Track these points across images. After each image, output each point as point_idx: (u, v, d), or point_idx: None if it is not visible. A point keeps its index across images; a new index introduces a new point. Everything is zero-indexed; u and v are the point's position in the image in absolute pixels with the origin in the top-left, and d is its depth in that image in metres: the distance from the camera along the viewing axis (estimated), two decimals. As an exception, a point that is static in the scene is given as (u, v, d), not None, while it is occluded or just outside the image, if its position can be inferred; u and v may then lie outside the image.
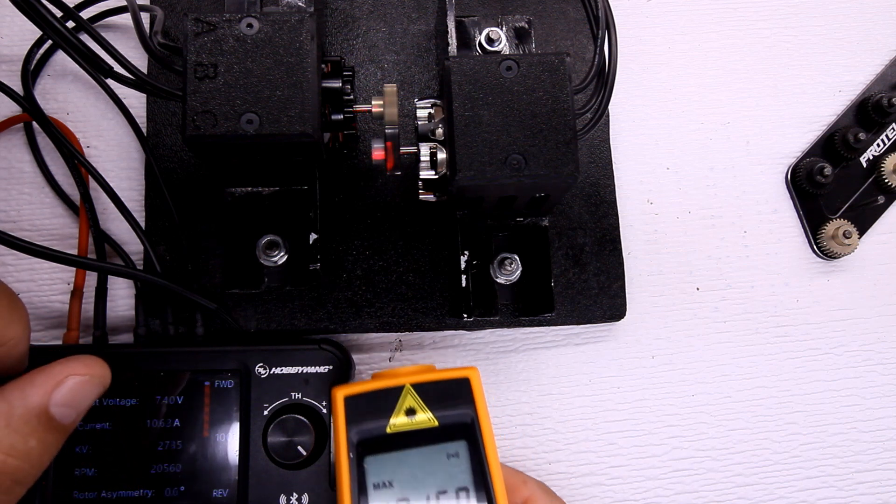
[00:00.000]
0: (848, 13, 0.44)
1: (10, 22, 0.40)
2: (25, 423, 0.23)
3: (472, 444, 0.28)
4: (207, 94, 0.28)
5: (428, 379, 0.29)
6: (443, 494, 0.27)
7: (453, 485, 0.28)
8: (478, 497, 0.28)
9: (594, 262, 0.38)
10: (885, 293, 0.41)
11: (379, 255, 0.37)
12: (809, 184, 0.41)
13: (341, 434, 0.28)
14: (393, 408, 0.28)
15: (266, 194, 0.36)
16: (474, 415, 0.29)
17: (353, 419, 0.28)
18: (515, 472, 0.32)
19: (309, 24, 0.30)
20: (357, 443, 0.28)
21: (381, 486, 0.27)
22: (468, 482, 0.28)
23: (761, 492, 0.38)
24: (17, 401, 0.23)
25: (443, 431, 0.28)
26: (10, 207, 0.38)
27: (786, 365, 0.40)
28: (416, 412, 0.28)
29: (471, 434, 0.28)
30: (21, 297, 0.37)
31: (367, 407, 0.28)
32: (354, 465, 0.27)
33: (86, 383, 0.24)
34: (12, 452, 0.22)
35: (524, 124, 0.30)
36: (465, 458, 0.28)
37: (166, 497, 0.31)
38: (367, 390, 0.29)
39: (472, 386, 0.29)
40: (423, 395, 0.29)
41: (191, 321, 0.35)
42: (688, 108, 0.42)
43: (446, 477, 0.28)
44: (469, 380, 0.29)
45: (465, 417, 0.29)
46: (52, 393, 0.23)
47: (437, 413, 0.28)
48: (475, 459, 0.28)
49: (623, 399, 0.39)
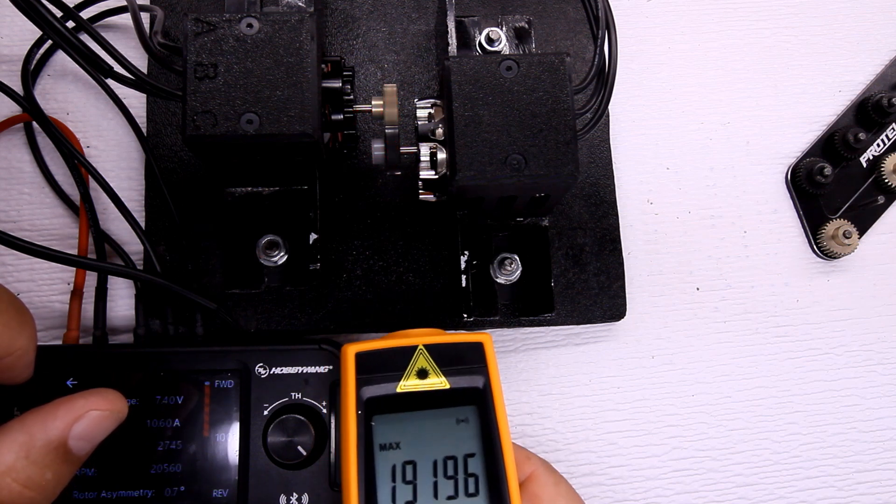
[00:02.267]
0: (848, 13, 0.44)
1: (10, 22, 0.40)
2: (45, 456, 0.23)
3: (483, 409, 0.27)
4: (207, 94, 0.28)
5: (442, 341, 0.28)
6: (450, 460, 0.27)
7: (461, 450, 0.27)
8: (486, 463, 0.27)
9: (594, 262, 0.38)
10: (885, 293, 0.41)
11: (379, 255, 0.37)
12: (809, 184, 0.41)
13: (350, 391, 0.26)
14: (405, 367, 0.27)
15: (266, 194, 0.36)
16: (486, 380, 0.28)
17: (363, 377, 0.27)
18: (519, 448, 0.31)
19: (309, 24, 0.30)
20: (366, 401, 0.27)
21: (388, 447, 0.26)
22: (476, 448, 0.27)
23: (761, 492, 0.38)
24: (39, 433, 0.23)
25: (453, 395, 0.28)
26: (10, 207, 0.38)
27: (786, 365, 0.40)
28: (429, 374, 0.27)
29: (482, 400, 0.28)
30: (21, 297, 0.37)
31: (379, 365, 0.27)
32: (363, 423, 0.26)
33: (106, 418, 0.24)
34: (29, 484, 0.22)
35: (524, 124, 0.30)
36: (475, 424, 0.27)
37: (166, 497, 0.31)
38: (379, 348, 0.28)
39: (486, 351, 0.28)
40: (436, 357, 0.28)
41: (191, 321, 0.35)
42: (688, 108, 0.42)
43: (455, 442, 0.27)
44: (483, 345, 0.28)
45: (476, 382, 0.28)
46: (72, 426, 0.23)
47: (449, 376, 0.27)
48: (485, 426, 0.27)
49: (623, 399, 0.39)
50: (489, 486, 0.27)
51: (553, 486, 0.30)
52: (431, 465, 0.26)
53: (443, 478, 0.27)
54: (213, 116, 0.28)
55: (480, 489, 0.27)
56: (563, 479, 0.31)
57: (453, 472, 0.27)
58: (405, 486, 0.26)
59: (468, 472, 0.27)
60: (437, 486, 0.27)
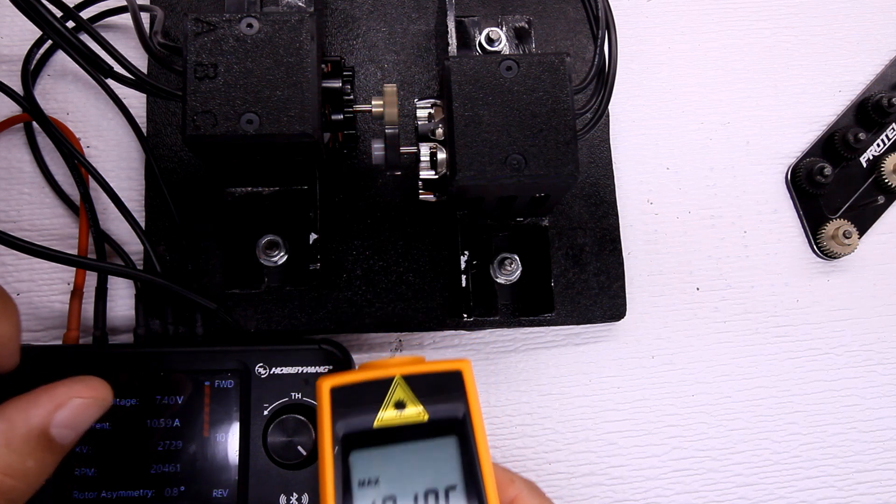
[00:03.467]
0: (848, 13, 0.44)
1: (10, 22, 0.40)
2: (25, 444, 0.22)
3: (463, 440, 0.27)
4: (207, 94, 0.28)
5: (419, 371, 0.27)
6: (431, 493, 0.26)
7: (442, 483, 0.26)
8: (467, 496, 0.26)
9: (594, 262, 0.38)
10: (885, 293, 0.41)
11: (379, 255, 0.37)
12: (809, 184, 0.41)
13: (326, 428, 0.26)
14: (382, 400, 0.27)
15: (266, 194, 0.36)
16: (466, 410, 0.27)
17: (339, 412, 0.26)
18: (503, 471, 0.31)
19: (309, 24, 0.30)
20: (343, 437, 0.26)
21: (367, 483, 0.26)
22: (458, 480, 0.26)
23: (761, 492, 0.38)
24: (20, 421, 0.22)
25: (433, 426, 0.27)
26: (10, 207, 0.38)
27: (786, 365, 0.40)
28: (406, 405, 0.27)
29: (462, 430, 0.27)
30: (21, 297, 0.37)
31: (355, 399, 0.27)
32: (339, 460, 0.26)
33: (89, 406, 0.24)
34: (9, 472, 0.22)
35: (524, 124, 0.30)
36: (456, 455, 0.27)
37: (166, 497, 0.31)
38: (355, 381, 0.27)
39: (465, 379, 0.28)
40: (414, 387, 0.27)
41: (191, 321, 0.35)
42: (688, 108, 0.42)
43: (435, 474, 0.26)
44: (461, 372, 0.28)
45: (456, 412, 0.27)
46: (54, 414, 0.23)
47: (427, 405, 0.27)
48: (466, 457, 0.27)
49: (623, 399, 0.39)
50: None
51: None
52: (412, 500, 0.26)
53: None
54: (213, 116, 0.28)
55: None
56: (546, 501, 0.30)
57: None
58: None
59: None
60: None
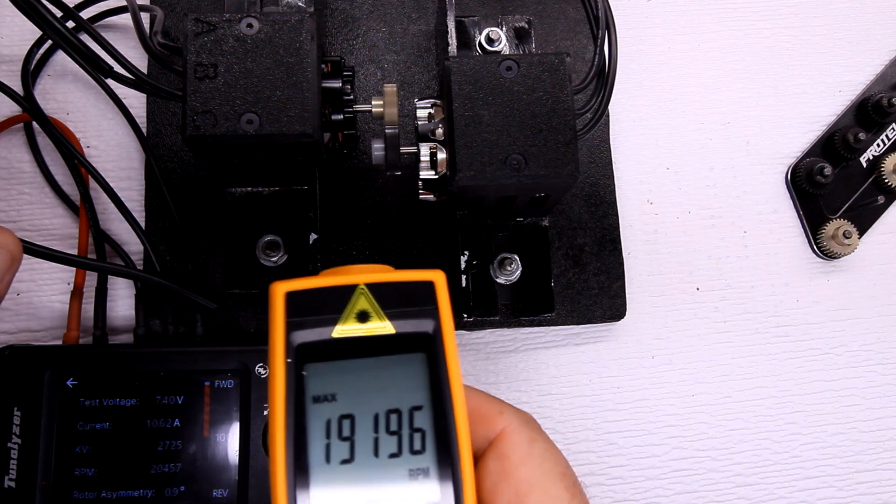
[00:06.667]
0: (848, 13, 0.44)
1: (10, 22, 0.40)
2: None
3: (433, 358, 0.24)
4: (207, 94, 0.28)
5: (386, 279, 0.24)
6: (393, 413, 0.23)
7: (406, 403, 0.23)
8: (434, 417, 0.23)
9: (594, 262, 0.38)
10: (885, 293, 0.41)
11: (379, 255, 0.37)
12: (809, 184, 0.41)
13: (279, 336, 0.23)
14: (342, 310, 0.24)
15: (266, 194, 0.36)
16: (437, 325, 0.24)
17: (293, 320, 0.23)
18: (492, 400, 0.27)
19: (309, 24, 0.30)
20: (297, 347, 0.23)
21: (322, 399, 0.23)
22: (424, 400, 0.24)
23: (761, 492, 0.38)
24: None
25: (399, 341, 0.24)
26: (10, 207, 0.38)
27: (786, 365, 0.40)
28: (370, 317, 0.24)
29: (431, 347, 0.24)
30: (21, 297, 0.37)
31: (312, 306, 0.24)
32: (292, 372, 0.23)
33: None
34: None
35: (524, 124, 0.30)
36: (423, 374, 0.24)
37: (166, 497, 0.31)
38: (313, 287, 0.24)
39: (437, 291, 0.25)
40: (380, 298, 0.24)
41: (191, 321, 0.35)
42: (688, 108, 0.42)
43: (399, 393, 0.24)
44: (434, 283, 0.25)
45: (426, 326, 0.24)
46: None
47: (394, 319, 0.24)
48: (434, 376, 0.24)
49: (623, 399, 0.39)
50: (437, 442, 0.23)
51: (526, 445, 0.25)
52: (372, 420, 0.23)
53: (385, 433, 0.23)
54: (213, 116, 0.28)
55: (427, 446, 0.23)
56: (540, 436, 0.26)
57: (397, 426, 0.24)
58: (341, 442, 0.23)
59: (414, 427, 0.24)
60: (377, 443, 0.23)
